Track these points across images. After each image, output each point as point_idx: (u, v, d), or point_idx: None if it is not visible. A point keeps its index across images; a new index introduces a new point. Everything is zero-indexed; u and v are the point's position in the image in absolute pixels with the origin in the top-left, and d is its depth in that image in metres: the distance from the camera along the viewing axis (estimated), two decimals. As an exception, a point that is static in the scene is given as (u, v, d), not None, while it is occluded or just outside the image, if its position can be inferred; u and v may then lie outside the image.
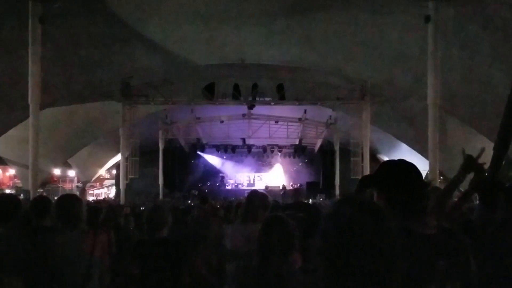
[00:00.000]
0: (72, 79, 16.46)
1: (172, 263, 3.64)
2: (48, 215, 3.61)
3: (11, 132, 16.96)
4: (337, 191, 25.88)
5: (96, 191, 36.23)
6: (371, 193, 1.98)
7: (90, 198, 29.54)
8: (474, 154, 2.53)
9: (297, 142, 31.12)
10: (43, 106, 12.45)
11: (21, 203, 3.61)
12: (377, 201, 1.92)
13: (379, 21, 13.58)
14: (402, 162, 1.96)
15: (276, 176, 34.82)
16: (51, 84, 14.12)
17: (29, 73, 11.52)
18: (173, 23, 14.56)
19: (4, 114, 15.64)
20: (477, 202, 3.43)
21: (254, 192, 4.26)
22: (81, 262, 3.29)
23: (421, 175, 1.94)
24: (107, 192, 36.56)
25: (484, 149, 2.60)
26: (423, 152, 17.58)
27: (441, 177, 16.57)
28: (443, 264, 1.79)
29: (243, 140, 30.09)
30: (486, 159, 2.66)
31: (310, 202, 18.72)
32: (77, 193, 29.10)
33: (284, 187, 30.79)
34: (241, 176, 35.00)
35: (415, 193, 1.88)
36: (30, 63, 11.48)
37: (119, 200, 20.53)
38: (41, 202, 3.97)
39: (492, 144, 2.64)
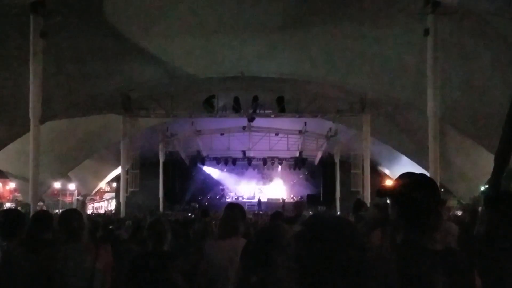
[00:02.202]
0: (73, 92, 16.49)
1: (168, 277, 3.60)
2: (50, 229, 3.60)
3: (12, 145, 16.96)
4: (338, 204, 25.83)
5: (96, 204, 36.11)
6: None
7: (89, 211, 29.47)
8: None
9: (297, 155, 31.10)
10: (43, 119, 12.47)
11: (24, 218, 3.61)
12: (391, 212, 1.94)
13: (378, 34, 13.66)
14: (420, 176, 1.98)
15: (276, 189, 34.79)
16: (52, 97, 14.16)
17: (30, 86, 11.55)
18: (173, 36, 14.65)
19: (5, 127, 15.66)
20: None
21: (231, 204, 4.13)
22: (84, 276, 3.27)
23: (437, 191, 1.95)
24: (107, 205, 36.46)
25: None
26: (423, 164, 17.56)
27: (442, 189, 16.55)
28: (444, 281, 1.78)
29: (243, 152, 30.10)
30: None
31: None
32: (77, 206, 29.05)
33: (283, 200, 30.66)
34: (241, 189, 34.96)
35: (428, 209, 1.89)
36: (31, 76, 11.51)
37: (119, 213, 20.49)
38: (43, 217, 3.97)
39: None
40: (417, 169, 21.45)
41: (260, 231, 2.41)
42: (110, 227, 7.58)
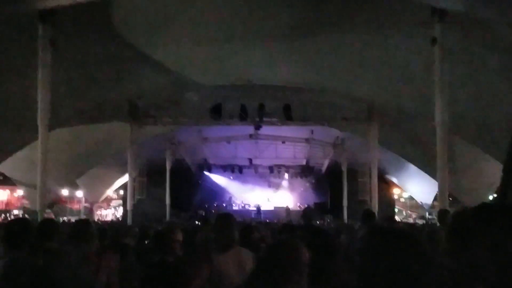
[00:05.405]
0: (81, 100, 16.60)
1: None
2: (54, 238, 3.61)
3: (20, 152, 17.06)
4: (345, 212, 25.71)
5: (104, 212, 36.21)
6: None
7: (96, 218, 29.54)
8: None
9: (304, 163, 31.06)
10: (52, 126, 12.52)
11: (32, 227, 3.61)
12: None
13: (386, 42, 13.66)
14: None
15: (283, 197, 34.69)
16: (60, 105, 14.23)
17: (38, 94, 11.61)
18: (181, 44, 14.72)
19: (13, 134, 15.76)
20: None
21: (222, 215, 4.01)
22: (85, 285, 3.27)
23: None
24: (115, 212, 36.55)
25: None
26: (431, 173, 17.48)
27: (450, 199, 16.43)
28: None
29: (250, 160, 30.10)
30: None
31: (317, 223, 18.62)
32: (84, 213, 29.16)
33: (287, 208, 30.23)
34: (248, 197, 34.90)
35: None
36: (39, 84, 11.56)
37: (126, 221, 20.50)
38: (48, 225, 3.97)
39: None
40: (424, 178, 21.36)
41: (274, 248, 2.37)
42: (118, 235, 7.58)
